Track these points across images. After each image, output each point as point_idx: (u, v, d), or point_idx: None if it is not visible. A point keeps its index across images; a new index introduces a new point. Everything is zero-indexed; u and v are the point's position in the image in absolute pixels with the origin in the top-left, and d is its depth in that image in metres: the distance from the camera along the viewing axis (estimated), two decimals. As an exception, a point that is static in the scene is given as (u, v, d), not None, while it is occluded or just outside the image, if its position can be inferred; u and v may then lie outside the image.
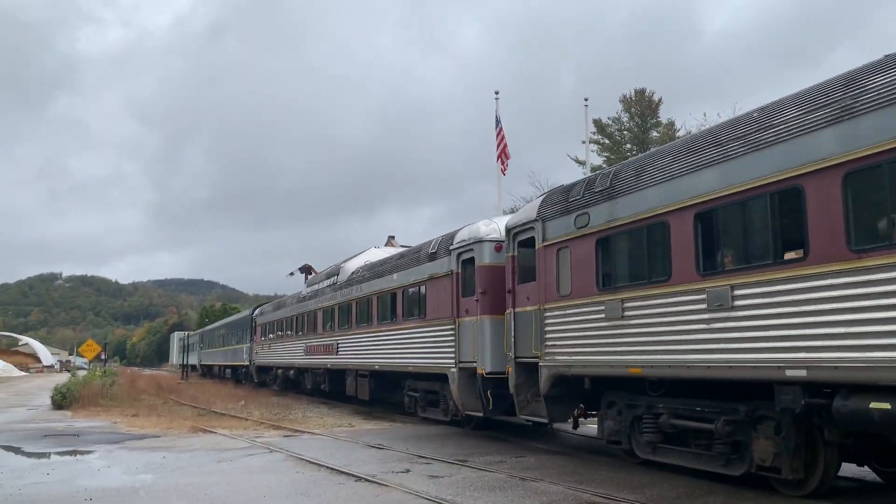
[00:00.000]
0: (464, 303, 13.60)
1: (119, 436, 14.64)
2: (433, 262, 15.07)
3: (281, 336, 29.02)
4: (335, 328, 21.68)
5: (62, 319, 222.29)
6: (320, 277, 25.00)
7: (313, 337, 23.96)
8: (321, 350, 22.79)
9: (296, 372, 26.69)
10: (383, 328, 17.80)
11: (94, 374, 33.36)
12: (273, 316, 30.88)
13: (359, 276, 20.21)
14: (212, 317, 77.55)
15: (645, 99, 44.27)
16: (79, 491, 8.57)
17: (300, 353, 25.33)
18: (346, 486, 8.81)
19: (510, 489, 8.35)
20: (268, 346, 31.32)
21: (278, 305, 30.78)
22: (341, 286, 21.42)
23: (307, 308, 25.08)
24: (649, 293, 8.77)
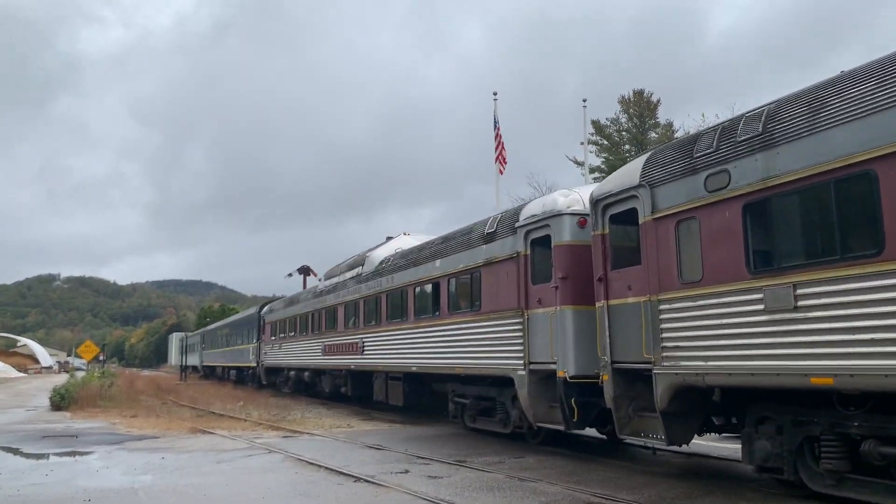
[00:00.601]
0: (535, 291, 11.20)
1: (118, 437, 14.64)
2: (491, 244, 12.60)
3: (293, 335, 26.66)
4: (360, 325, 19.25)
5: (60, 320, 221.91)
6: (341, 269, 22.12)
7: (333, 335, 21.58)
8: (343, 350, 20.49)
9: (311, 374, 24.68)
10: (422, 324, 15.31)
11: (93, 375, 33.37)
12: (284, 313, 28.60)
13: (390, 266, 17.74)
14: (210, 318, 77.39)
15: (643, 100, 44.31)
16: (78, 492, 8.58)
17: (317, 354, 23.05)
18: (344, 486, 8.83)
19: (509, 489, 8.36)
20: (278, 345, 29.03)
21: (290, 302, 28.42)
22: (367, 277, 18.99)
23: (325, 303, 22.63)
24: (842, 274, 6.36)
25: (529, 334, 11.21)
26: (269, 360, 30.61)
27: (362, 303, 19.28)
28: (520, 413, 11.72)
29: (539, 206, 11.59)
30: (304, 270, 46.40)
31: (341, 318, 21.16)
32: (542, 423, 11.20)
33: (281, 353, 28.59)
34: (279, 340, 28.90)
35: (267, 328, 31.30)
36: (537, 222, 11.31)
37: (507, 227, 12.23)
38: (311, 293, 25.33)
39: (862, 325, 6.15)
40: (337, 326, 21.40)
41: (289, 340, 27.36)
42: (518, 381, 11.31)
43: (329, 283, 23.05)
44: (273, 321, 30.36)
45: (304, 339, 25.00)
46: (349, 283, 20.60)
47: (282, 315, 28.98)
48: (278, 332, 29.14)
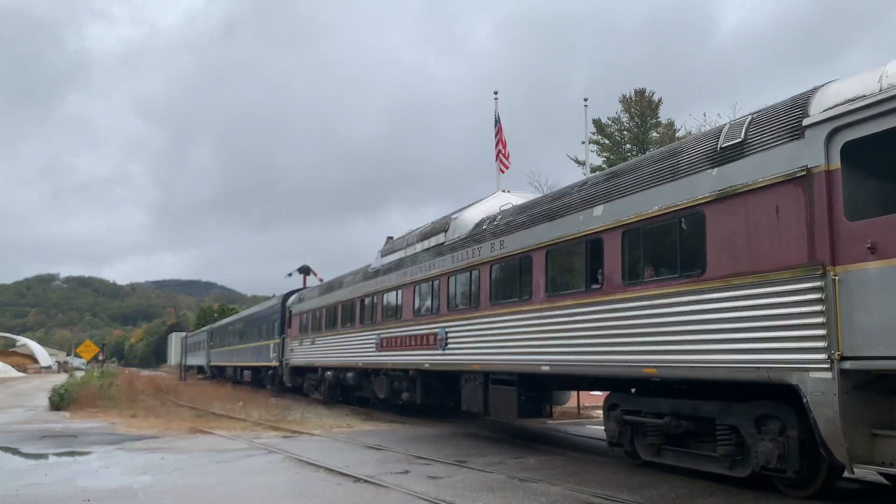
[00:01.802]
0: (855, 232, 6.63)
1: (117, 437, 14.61)
2: (732, 165, 7.95)
3: (333, 327, 21.98)
4: (440, 310, 14.56)
5: (60, 320, 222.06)
6: (409, 241, 17.12)
7: (394, 325, 16.96)
8: (410, 343, 15.82)
9: (357, 375, 19.99)
10: (564, 303, 10.62)
11: (92, 374, 33.39)
12: (318, 302, 23.87)
13: (498, 226, 12.85)
14: (210, 317, 77.35)
15: (645, 99, 44.32)
16: (77, 492, 8.54)
17: (367, 349, 18.53)
18: (344, 486, 8.79)
19: (509, 490, 8.33)
20: (309, 341, 24.27)
21: (328, 287, 23.76)
22: (455, 246, 14.23)
23: (383, 286, 18.03)
24: None
25: (843, 307, 6.64)
26: (295, 358, 26.02)
27: (446, 280, 14.51)
28: (785, 445, 7.49)
29: (866, 82, 6.78)
30: (305, 270, 46.29)
31: (409, 302, 16.44)
32: (866, 464, 6.57)
33: (313, 349, 23.84)
34: (311, 335, 24.24)
35: (293, 321, 26.85)
36: (870, 108, 6.55)
37: (776, 130, 7.56)
38: (359, 275, 20.47)
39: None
40: (401, 314, 16.75)
41: (325, 334, 22.73)
42: (812, 389, 6.75)
43: (389, 261, 18.14)
44: (302, 312, 25.79)
45: (349, 331, 20.44)
46: (422, 258, 15.82)
47: (315, 304, 24.26)
48: (310, 325, 24.54)
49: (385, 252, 18.71)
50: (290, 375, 26.75)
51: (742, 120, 8.24)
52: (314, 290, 25.93)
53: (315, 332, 23.80)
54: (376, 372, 18.36)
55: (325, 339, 22.70)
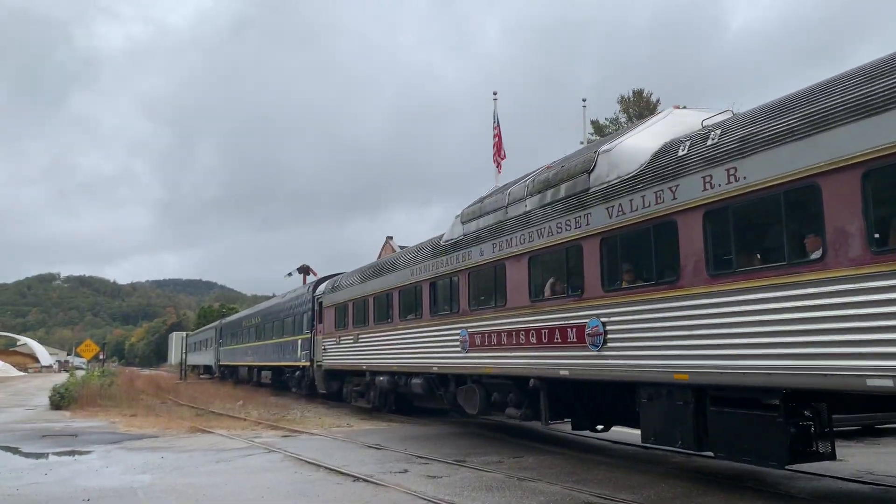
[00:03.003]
0: None
1: (117, 436, 14.64)
2: None
3: (386, 320, 17.17)
4: (588, 290, 9.74)
5: (60, 320, 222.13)
6: (516, 194, 11.96)
7: (493, 315, 12.10)
8: (529, 340, 10.99)
9: (428, 382, 15.21)
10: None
11: (93, 374, 33.39)
12: (360, 290, 19.12)
13: (726, 145, 7.80)
14: (209, 317, 77.36)
15: (643, 100, 44.34)
16: (77, 491, 8.57)
17: (446, 348, 13.67)
18: (343, 486, 8.82)
19: (508, 489, 8.36)
20: (350, 338, 19.64)
21: (376, 271, 18.54)
22: (616, 190, 9.31)
23: (471, 261, 13.00)
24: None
25: None
26: (331, 359, 21.28)
27: (596, 245, 9.58)
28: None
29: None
30: (304, 269, 46.32)
31: (519, 282, 11.44)
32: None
33: (357, 349, 19.15)
34: (352, 330, 19.54)
35: (326, 315, 22.02)
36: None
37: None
38: (424, 251, 15.53)
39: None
40: (506, 299, 11.78)
41: (374, 330, 17.90)
42: None
43: (478, 228, 12.99)
44: (337, 304, 21.04)
45: (413, 325, 15.52)
46: (543, 215, 10.81)
47: (357, 293, 19.38)
48: (350, 319, 19.84)
49: (470, 216, 13.41)
50: (325, 380, 22.18)
51: None
52: (354, 275, 20.58)
53: (359, 326, 19.04)
54: (461, 379, 13.67)
55: (375, 335, 17.85)
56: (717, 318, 7.66)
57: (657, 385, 8.65)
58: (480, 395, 13.00)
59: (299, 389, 26.12)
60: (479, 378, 12.93)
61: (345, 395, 21.17)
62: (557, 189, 10.61)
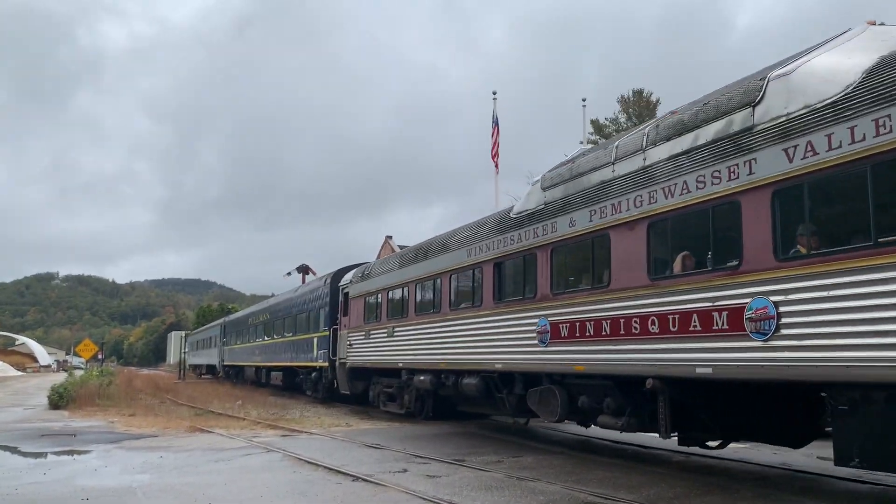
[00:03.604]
0: None
1: (116, 435, 14.63)
2: None
3: (431, 311, 14.79)
4: (749, 261, 7.41)
5: (59, 319, 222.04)
6: (627, 146, 9.45)
7: (586, 300, 9.77)
8: (643, 329, 8.65)
9: (484, 382, 12.87)
10: None
11: (92, 373, 33.36)
12: (397, 277, 16.83)
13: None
14: (208, 317, 77.27)
15: (643, 99, 44.36)
16: (76, 491, 8.56)
17: (516, 342, 11.36)
18: (343, 485, 8.81)
19: (508, 489, 8.35)
20: (383, 332, 17.29)
21: (419, 254, 15.93)
22: (801, 124, 7.03)
23: (553, 234, 10.67)
24: None
25: None
26: (357, 356, 19.07)
27: (766, 200, 7.34)
28: None
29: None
30: (303, 269, 46.32)
31: (632, 255, 9.00)
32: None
33: (390, 344, 16.82)
34: (386, 323, 17.26)
35: (352, 307, 19.88)
36: None
37: None
38: (485, 227, 13.05)
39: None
40: (607, 277, 9.39)
41: (415, 322, 15.60)
42: None
43: (567, 192, 10.47)
44: (366, 294, 18.89)
45: (469, 315, 13.03)
46: (665, 171, 8.60)
47: (392, 280, 17.16)
48: (383, 311, 17.56)
49: (555, 180, 10.85)
50: (349, 379, 19.84)
51: None
52: (389, 260, 18.64)
53: (395, 318, 16.78)
54: (533, 379, 11.40)
55: (415, 328, 15.52)
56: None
57: (867, 387, 6.34)
58: (562, 399, 10.58)
59: (315, 393, 23.78)
60: (562, 378, 10.64)
61: (371, 397, 18.95)
62: (697, 133, 8.24)
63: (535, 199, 11.43)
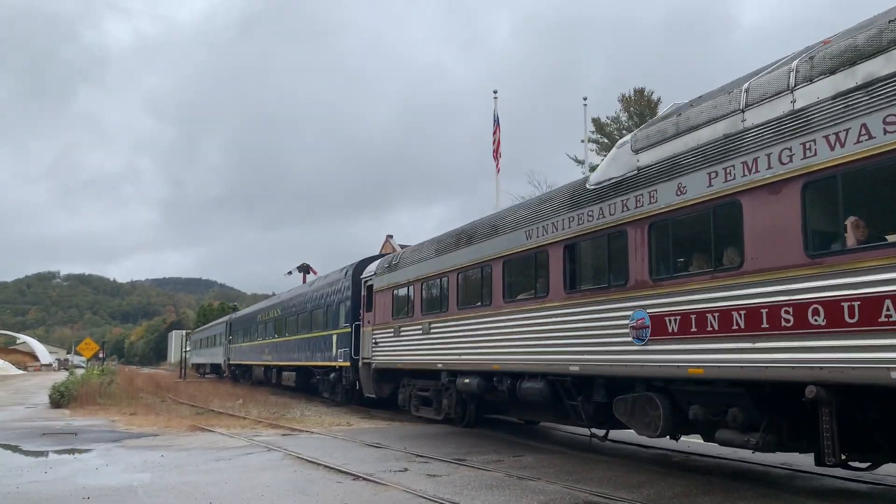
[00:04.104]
0: None
1: (117, 434, 14.64)
2: None
3: (478, 303, 13.06)
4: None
5: (60, 318, 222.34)
6: (751, 94, 7.59)
7: (696, 285, 8.06)
8: (794, 323, 6.76)
9: (552, 386, 10.95)
10: None
11: (93, 372, 33.42)
12: (434, 266, 14.88)
13: None
14: (209, 316, 77.27)
15: (644, 98, 44.39)
16: (77, 489, 8.57)
17: (604, 339, 9.48)
18: (343, 484, 8.82)
19: (508, 488, 8.36)
20: (416, 329, 15.46)
21: (461, 239, 14.07)
22: None
23: (639, 211, 8.95)
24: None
25: None
26: (385, 355, 17.24)
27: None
28: None
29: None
30: (304, 268, 46.38)
31: (773, 228, 7.19)
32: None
33: (428, 341, 14.87)
34: (420, 318, 15.38)
35: (378, 301, 17.96)
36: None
37: None
38: (558, 200, 11.01)
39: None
40: (737, 256, 7.65)
41: (459, 315, 13.68)
42: None
43: (670, 152, 8.65)
44: (395, 286, 16.97)
45: (533, 307, 11.18)
46: (829, 114, 6.69)
47: (428, 270, 15.18)
48: (417, 304, 15.68)
49: (652, 140, 8.92)
50: (375, 381, 18.04)
51: None
52: (420, 249, 16.36)
53: (432, 313, 14.90)
54: (621, 384, 9.48)
55: (458, 323, 13.65)
56: None
57: None
58: (665, 410, 8.60)
59: (333, 395, 22.07)
60: (666, 383, 8.68)
61: (401, 401, 17.14)
62: (889, 57, 6.22)
63: (622, 164, 9.41)
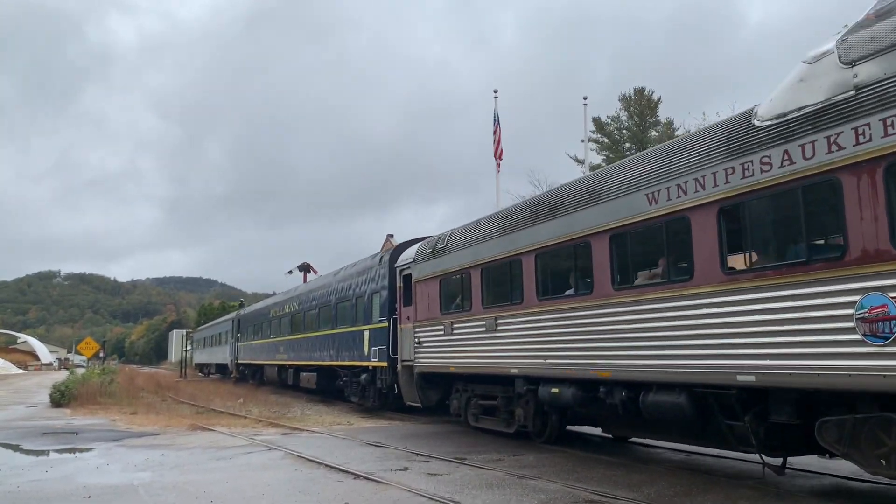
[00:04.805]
0: None
1: (118, 433, 14.66)
2: None
3: (575, 292, 10.42)
4: None
5: (61, 317, 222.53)
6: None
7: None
8: None
9: (696, 402, 8.14)
10: None
11: (93, 371, 33.44)
12: (499, 247, 12.24)
13: None
14: (210, 314, 77.24)
15: (644, 98, 44.36)
16: (77, 488, 8.58)
17: (802, 337, 6.64)
18: (344, 483, 8.83)
19: (508, 487, 8.36)
20: (475, 325, 12.92)
21: (544, 209, 11.19)
22: None
23: (858, 150, 6.15)
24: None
25: None
26: (432, 357, 14.60)
27: None
28: None
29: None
30: (305, 267, 46.36)
31: None
32: None
33: (495, 341, 12.30)
34: (482, 313, 12.74)
35: (421, 293, 15.19)
36: None
37: None
38: (704, 144, 8.08)
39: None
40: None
41: (537, 309, 11.14)
42: None
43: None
44: (446, 274, 14.12)
45: (666, 293, 8.47)
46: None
47: (491, 252, 12.47)
48: (477, 295, 12.96)
49: (875, 45, 6.18)
50: (419, 387, 15.32)
51: None
52: (478, 227, 13.33)
53: (497, 306, 12.27)
54: (834, 400, 6.77)
55: (538, 319, 11.01)
56: None
57: None
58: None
59: (363, 400, 19.19)
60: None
61: (455, 409, 14.53)
62: None
63: (824, 84, 6.65)
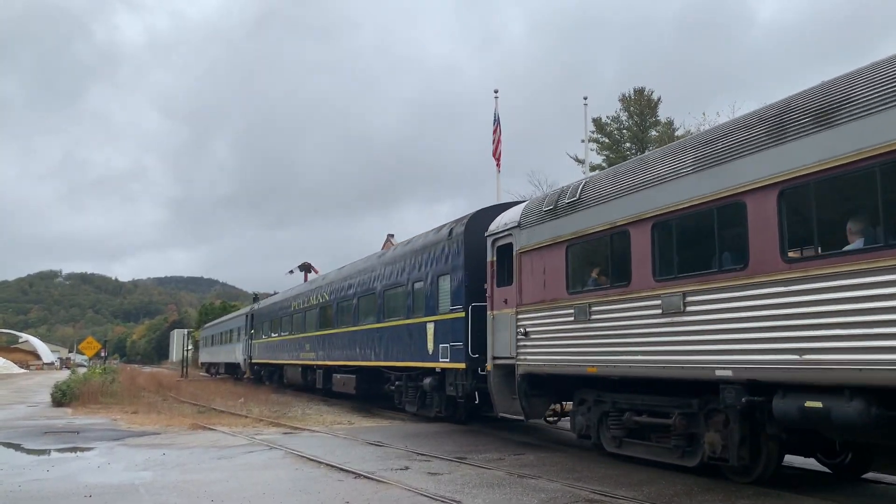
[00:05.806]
0: None
1: (119, 433, 14.67)
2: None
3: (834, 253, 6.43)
4: None
5: (62, 317, 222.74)
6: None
7: None
8: None
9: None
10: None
11: (94, 371, 33.45)
12: (688, 188, 8.18)
13: None
14: (211, 314, 77.23)
15: (644, 98, 44.34)
16: (79, 488, 8.59)
17: None
18: (345, 482, 8.84)
19: (509, 486, 8.37)
20: (631, 306, 9.00)
21: (770, 126, 7.22)
22: None
23: None
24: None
25: None
26: (546, 354, 10.98)
27: None
28: None
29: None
30: (306, 267, 46.44)
31: None
32: None
33: (676, 330, 8.30)
34: (645, 290, 8.80)
35: (526, 269, 11.62)
36: None
37: None
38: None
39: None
40: None
41: (792, 275, 6.78)
42: None
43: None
44: (569, 240, 10.49)
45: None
46: None
47: (680, 195, 8.27)
48: (639, 264, 8.95)
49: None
50: (524, 394, 11.55)
51: None
52: (646, 163, 9.46)
53: (686, 277, 8.27)
54: None
55: (782, 292, 6.94)
56: None
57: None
58: None
59: (425, 409, 15.87)
60: None
61: (580, 428, 10.90)
62: None
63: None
